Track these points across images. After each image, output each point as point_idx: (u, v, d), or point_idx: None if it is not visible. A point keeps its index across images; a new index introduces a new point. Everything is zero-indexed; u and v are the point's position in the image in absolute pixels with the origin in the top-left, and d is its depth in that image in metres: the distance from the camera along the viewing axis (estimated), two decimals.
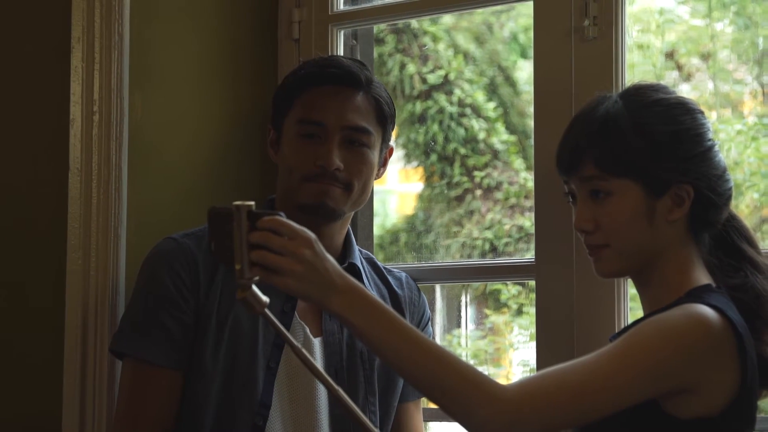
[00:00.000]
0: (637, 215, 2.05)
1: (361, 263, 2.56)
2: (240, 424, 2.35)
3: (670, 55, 3.88)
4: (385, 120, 2.49)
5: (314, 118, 2.44)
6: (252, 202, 1.82)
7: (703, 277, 2.07)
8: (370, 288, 2.53)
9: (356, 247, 2.57)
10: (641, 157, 2.04)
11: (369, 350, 2.45)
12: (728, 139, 3.65)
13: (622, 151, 2.05)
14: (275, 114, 2.52)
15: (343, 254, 2.52)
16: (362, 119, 2.45)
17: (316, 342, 2.43)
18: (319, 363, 2.42)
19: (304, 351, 1.78)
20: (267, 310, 1.74)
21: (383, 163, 2.54)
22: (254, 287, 1.75)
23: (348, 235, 2.55)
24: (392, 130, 2.55)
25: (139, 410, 2.38)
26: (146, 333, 2.38)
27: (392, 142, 2.59)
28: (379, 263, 2.64)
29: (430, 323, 2.67)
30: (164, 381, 2.38)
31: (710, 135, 2.10)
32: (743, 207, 3.59)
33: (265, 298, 1.75)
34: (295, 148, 2.45)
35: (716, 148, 2.09)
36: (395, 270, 2.66)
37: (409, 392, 2.60)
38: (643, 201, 2.05)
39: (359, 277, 2.51)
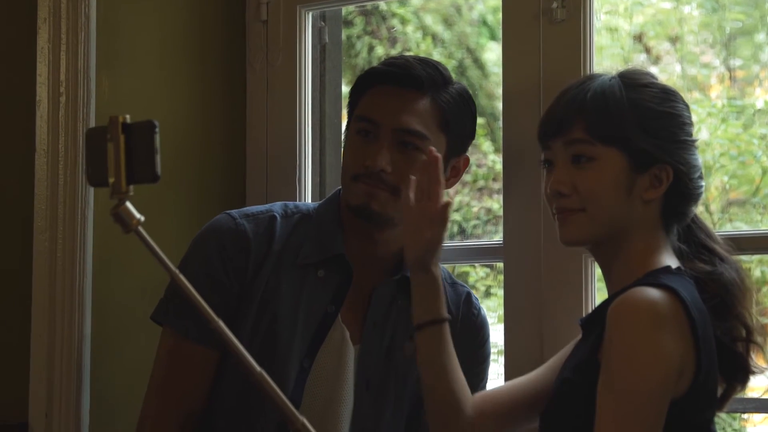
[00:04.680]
0: (617, 185, 2.06)
1: None
2: (266, 418, 2.31)
3: (638, 37, 3.88)
4: (449, 128, 2.36)
5: (369, 116, 2.34)
6: (127, 115, 1.68)
7: (667, 260, 2.08)
8: None
9: None
10: (631, 129, 2.06)
11: (405, 367, 2.39)
12: (699, 120, 3.66)
13: (615, 120, 2.06)
14: (348, 109, 2.44)
15: (398, 265, 2.42)
16: (418, 123, 2.32)
17: (353, 349, 2.37)
18: (351, 371, 2.36)
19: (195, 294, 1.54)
20: (141, 228, 1.59)
21: (453, 173, 2.42)
22: (128, 203, 1.61)
23: None
24: (466, 141, 2.42)
25: (173, 381, 2.34)
26: (186, 307, 2.33)
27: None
28: (445, 275, 2.48)
29: (485, 361, 2.51)
30: (197, 357, 2.33)
31: (693, 131, 2.13)
32: (712, 189, 3.60)
33: (139, 216, 1.59)
34: (351, 145, 2.37)
35: (696, 144, 2.12)
36: (460, 285, 2.53)
37: None
38: (625, 172, 2.06)
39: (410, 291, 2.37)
